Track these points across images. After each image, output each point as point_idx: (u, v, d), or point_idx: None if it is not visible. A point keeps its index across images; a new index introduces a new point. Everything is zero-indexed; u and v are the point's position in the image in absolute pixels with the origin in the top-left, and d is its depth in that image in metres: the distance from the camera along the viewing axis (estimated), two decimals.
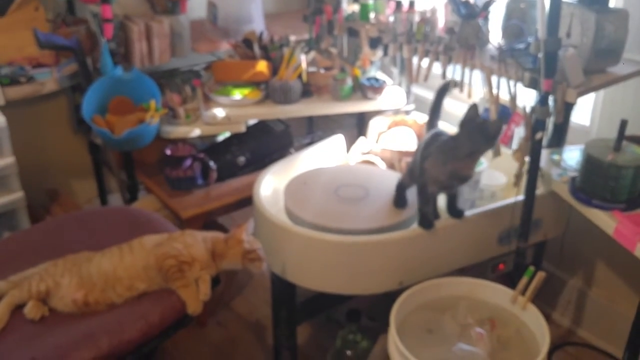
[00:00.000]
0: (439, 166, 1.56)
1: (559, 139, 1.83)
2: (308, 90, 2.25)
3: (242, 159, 2.23)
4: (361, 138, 2.21)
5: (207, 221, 2.11)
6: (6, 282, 1.40)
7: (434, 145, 1.60)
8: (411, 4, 1.89)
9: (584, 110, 2.02)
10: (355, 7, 2.14)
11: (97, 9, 2.01)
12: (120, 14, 2.15)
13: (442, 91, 1.76)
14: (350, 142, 2.16)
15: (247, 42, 2.27)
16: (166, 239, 1.45)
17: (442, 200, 1.70)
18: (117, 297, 1.37)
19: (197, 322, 2.21)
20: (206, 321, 2.23)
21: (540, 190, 1.70)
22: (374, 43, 2.05)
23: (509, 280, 1.72)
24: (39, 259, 1.46)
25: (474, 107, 1.51)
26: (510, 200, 1.70)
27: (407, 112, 2.28)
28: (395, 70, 2.36)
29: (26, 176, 2.11)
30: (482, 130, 1.49)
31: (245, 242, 1.45)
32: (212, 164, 2.13)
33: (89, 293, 1.36)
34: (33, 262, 1.46)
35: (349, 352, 1.91)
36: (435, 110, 1.75)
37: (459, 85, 1.81)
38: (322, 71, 2.28)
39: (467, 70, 1.78)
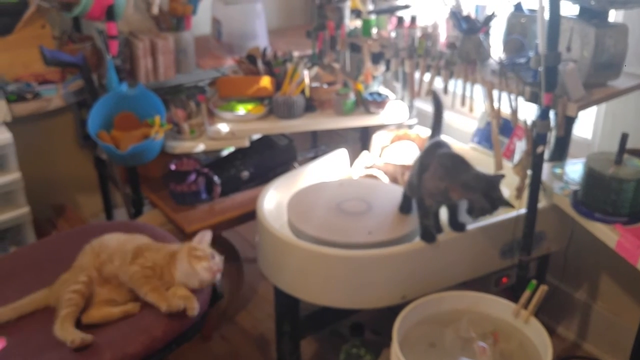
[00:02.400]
0: (436, 180, 1.57)
1: (560, 152, 1.84)
2: (311, 105, 2.27)
3: (246, 174, 2.24)
4: (364, 152, 2.22)
5: (212, 236, 2.11)
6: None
7: (434, 156, 1.61)
8: (413, 20, 1.90)
9: (586, 124, 2.02)
10: (358, 23, 2.16)
11: (102, 26, 2.04)
12: (125, 31, 2.18)
13: (436, 100, 1.79)
14: (353, 157, 2.17)
15: (251, 58, 2.29)
16: (136, 249, 1.47)
17: (444, 213, 1.71)
18: (115, 269, 1.43)
19: (201, 336, 2.21)
20: (210, 335, 2.23)
21: (542, 203, 1.70)
22: (376, 58, 2.06)
23: (512, 293, 1.72)
24: (45, 274, 1.47)
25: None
26: (513, 213, 1.71)
27: (410, 127, 2.29)
28: (397, 85, 2.38)
29: (32, 191, 2.13)
30: (478, 180, 1.53)
31: (194, 242, 1.48)
32: (216, 178, 2.15)
33: (100, 266, 1.43)
34: (39, 276, 1.47)
35: None
36: (436, 119, 1.77)
37: (460, 99, 1.82)
38: (325, 86, 2.30)
39: (468, 85, 1.79)
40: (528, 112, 1.69)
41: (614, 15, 1.80)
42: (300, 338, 1.89)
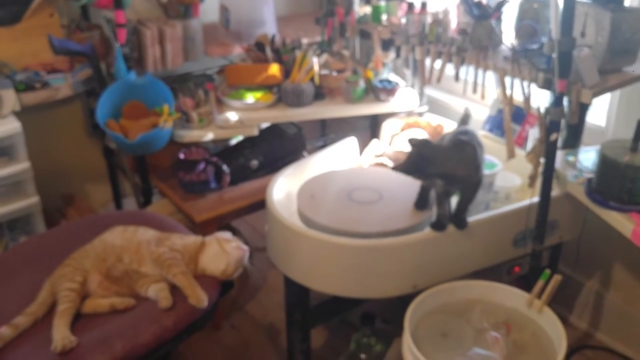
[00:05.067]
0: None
1: (574, 140, 1.81)
2: (320, 93, 2.25)
3: (255, 163, 2.23)
4: (374, 140, 2.20)
5: (221, 225, 2.11)
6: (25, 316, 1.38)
7: (453, 140, 1.61)
8: (423, 6, 1.88)
9: (600, 111, 1.99)
10: (367, 9, 2.13)
11: (110, 14, 2.03)
12: (133, 19, 2.17)
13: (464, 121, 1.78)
14: (363, 145, 2.15)
15: (260, 46, 2.27)
16: (156, 238, 1.50)
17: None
18: (125, 266, 1.43)
19: (211, 325, 2.21)
20: (220, 324, 2.23)
21: (555, 191, 1.68)
22: (386, 45, 2.04)
23: (525, 283, 1.70)
24: (55, 263, 1.47)
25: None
26: (525, 202, 1.69)
27: (420, 114, 2.27)
28: (407, 72, 2.35)
29: (41, 181, 2.13)
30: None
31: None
32: (225, 167, 2.14)
33: (107, 271, 1.42)
34: (48, 266, 1.47)
35: (363, 356, 1.90)
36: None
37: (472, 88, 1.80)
38: (334, 74, 2.28)
39: (480, 72, 1.77)
40: (541, 98, 1.66)
41: (630, 0, 1.77)
42: (311, 327, 1.88)
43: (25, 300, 1.39)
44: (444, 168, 1.55)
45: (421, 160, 1.54)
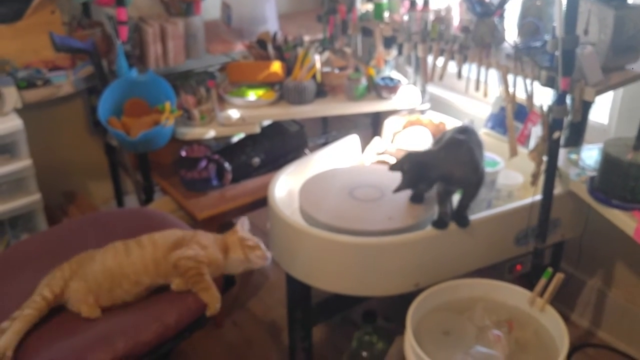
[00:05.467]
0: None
1: (576, 138, 1.80)
2: (322, 91, 2.25)
3: (256, 160, 2.23)
4: (376, 138, 2.19)
5: (223, 222, 2.11)
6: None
7: (448, 140, 1.60)
8: (425, 3, 1.87)
9: (603, 109, 1.99)
10: (369, 6, 2.12)
11: (112, 11, 2.02)
12: (135, 16, 2.16)
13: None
14: (365, 142, 2.15)
15: (261, 43, 2.26)
16: (181, 238, 1.46)
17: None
18: (124, 293, 1.38)
19: (213, 323, 2.21)
20: (222, 322, 2.23)
21: (558, 190, 1.68)
22: (389, 42, 2.03)
23: (527, 281, 1.70)
24: (56, 261, 1.47)
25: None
26: (528, 200, 1.68)
27: (422, 112, 2.26)
28: (410, 70, 2.35)
29: (43, 178, 2.13)
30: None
31: (240, 231, 1.51)
32: (227, 165, 2.14)
33: (98, 297, 1.37)
34: (50, 263, 1.47)
35: (364, 354, 1.90)
36: None
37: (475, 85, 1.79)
38: (336, 71, 2.28)
39: (482, 69, 1.76)
40: (543, 96, 1.66)
41: None
42: (312, 325, 1.88)
43: (26, 298, 1.39)
44: (442, 170, 1.55)
45: (417, 170, 1.55)
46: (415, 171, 1.55)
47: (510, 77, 1.69)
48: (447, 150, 1.57)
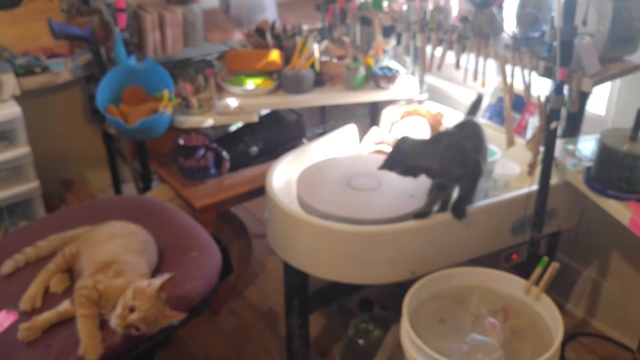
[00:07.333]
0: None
1: (573, 128, 1.81)
2: (321, 80, 2.24)
3: (254, 149, 2.23)
4: (374, 128, 2.20)
5: (220, 211, 2.12)
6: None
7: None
8: None
9: (600, 100, 1.99)
10: None
11: None
12: (133, 4, 2.16)
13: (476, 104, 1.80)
14: (363, 132, 2.15)
15: (260, 31, 2.26)
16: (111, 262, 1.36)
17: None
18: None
19: (210, 311, 2.22)
20: (219, 309, 2.24)
21: (554, 180, 1.69)
22: (387, 32, 2.03)
23: (523, 270, 1.71)
24: None
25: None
26: (524, 190, 1.69)
27: (420, 102, 2.27)
28: (408, 59, 2.35)
29: (41, 166, 2.13)
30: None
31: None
32: (225, 153, 2.14)
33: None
34: None
35: (361, 341, 1.92)
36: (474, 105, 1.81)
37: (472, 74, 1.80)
38: (334, 60, 2.28)
39: (481, 59, 1.76)
40: (541, 87, 1.66)
41: None
42: (309, 313, 1.90)
43: (24, 284, 1.40)
44: (419, 161, 1.58)
45: (398, 154, 1.59)
46: (394, 154, 1.60)
47: (508, 68, 1.70)
48: (426, 144, 1.61)
